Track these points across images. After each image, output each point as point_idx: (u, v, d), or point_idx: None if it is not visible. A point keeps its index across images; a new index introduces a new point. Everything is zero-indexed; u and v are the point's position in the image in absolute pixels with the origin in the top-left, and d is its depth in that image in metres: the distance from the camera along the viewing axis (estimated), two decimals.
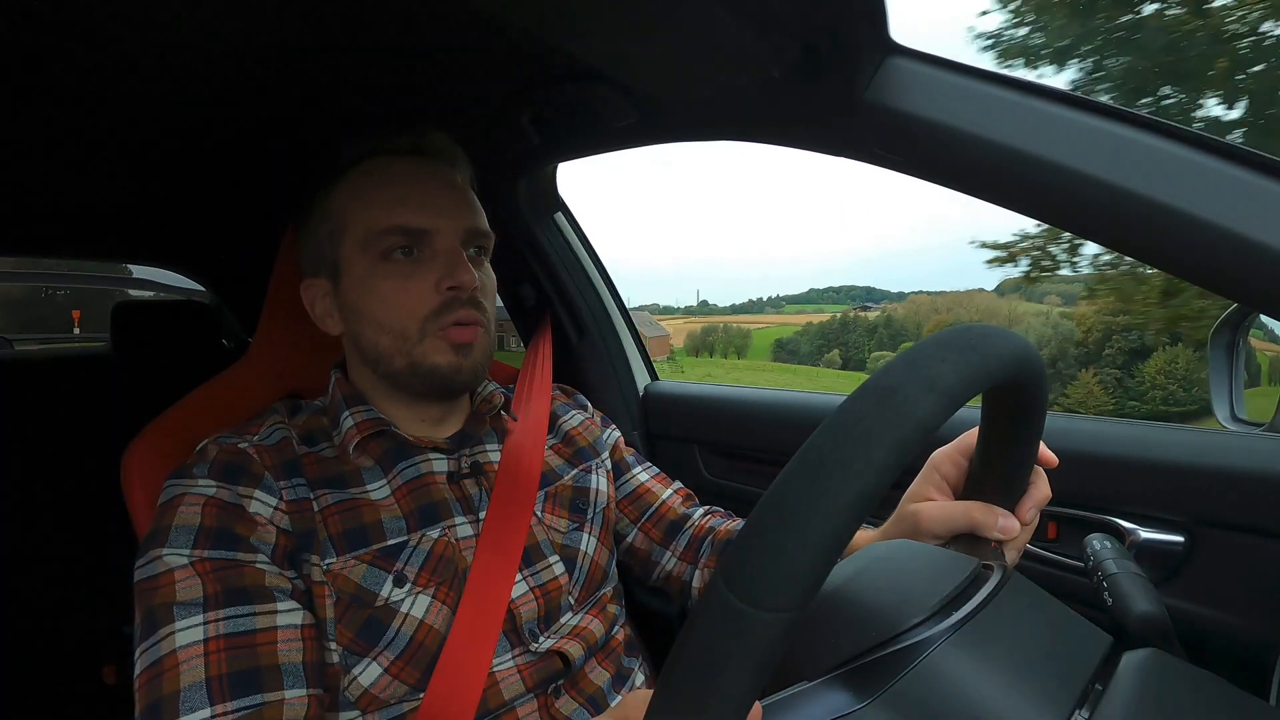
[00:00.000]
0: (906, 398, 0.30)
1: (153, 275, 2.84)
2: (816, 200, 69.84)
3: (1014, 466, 0.50)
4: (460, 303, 0.65)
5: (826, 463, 0.28)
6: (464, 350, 0.66)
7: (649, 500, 0.86)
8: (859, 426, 0.29)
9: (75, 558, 1.47)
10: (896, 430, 0.29)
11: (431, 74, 0.80)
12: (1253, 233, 0.45)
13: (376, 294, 0.65)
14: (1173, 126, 0.49)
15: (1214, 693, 0.37)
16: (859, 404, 0.30)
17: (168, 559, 0.54)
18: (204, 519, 0.56)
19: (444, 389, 0.68)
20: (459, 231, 0.67)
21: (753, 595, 0.27)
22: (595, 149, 0.95)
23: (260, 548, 0.56)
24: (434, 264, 0.65)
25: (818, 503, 0.27)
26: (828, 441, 0.29)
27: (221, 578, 0.54)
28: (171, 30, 0.67)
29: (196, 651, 0.51)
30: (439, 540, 0.64)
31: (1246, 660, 0.57)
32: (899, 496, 0.59)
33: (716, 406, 1.15)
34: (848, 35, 0.55)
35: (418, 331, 0.65)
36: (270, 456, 0.62)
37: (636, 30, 0.61)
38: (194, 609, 0.52)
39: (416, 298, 0.64)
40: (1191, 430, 0.74)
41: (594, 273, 1.20)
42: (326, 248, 0.68)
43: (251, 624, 0.53)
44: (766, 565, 0.27)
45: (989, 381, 0.35)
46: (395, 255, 0.65)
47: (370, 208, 0.65)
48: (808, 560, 0.27)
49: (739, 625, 0.26)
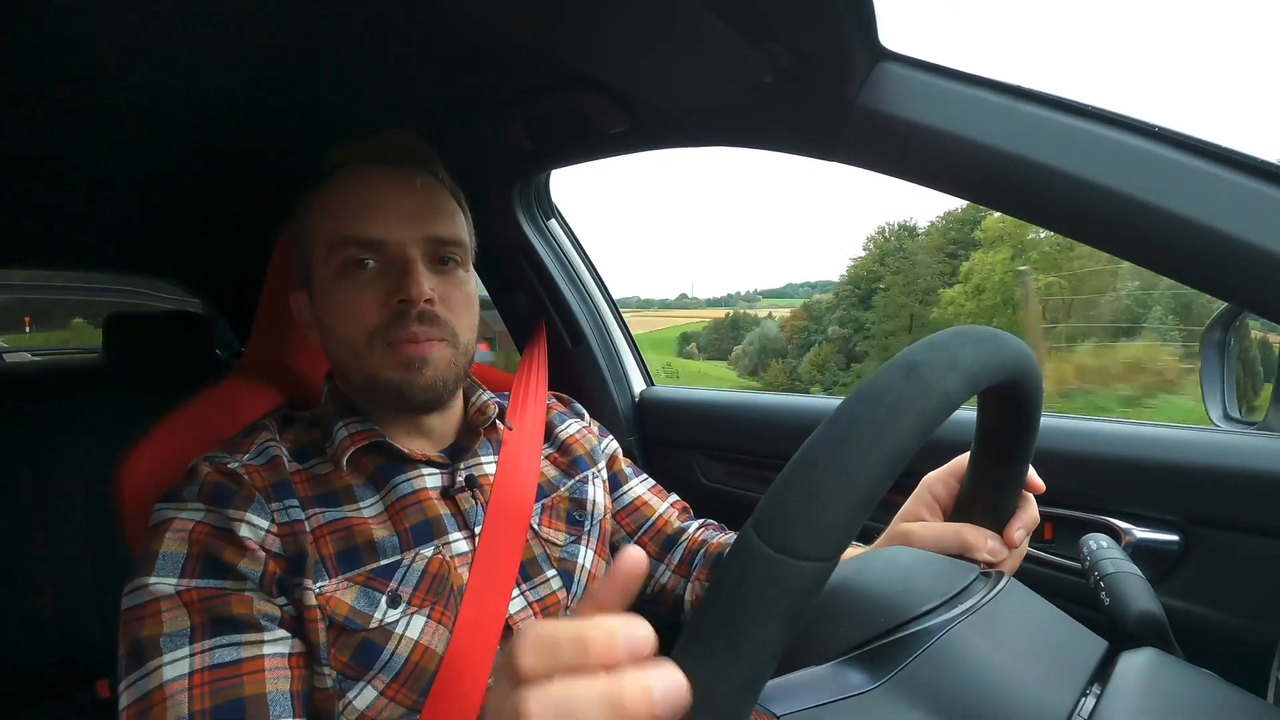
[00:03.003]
0: (931, 372, 0.31)
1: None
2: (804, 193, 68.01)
3: (1004, 487, 0.52)
4: (411, 317, 0.62)
5: (859, 423, 0.29)
6: (416, 364, 0.63)
7: (646, 514, 0.85)
8: (889, 394, 0.30)
9: (66, 572, 1.45)
10: (923, 401, 0.30)
11: (425, 83, 0.80)
12: (1243, 234, 0.45)
13: (333, 306, 0.63)
14: (1163, 130, 0.49)
15: (1212, 691, 0.37)
16: (887, 376, 0.31)
17: (154, 588, 0.53)
18: (191, 547, 0.55)
19: (402, 404, 0.65)
20: (417, 240, 0.64)
21: (785, 543, 0.27)
22: (588, 155, 0.95)
23: (249, 575, 0.55)
24: (388, 275, 0.63)
25: (851, 456, 0.28)
26: (859, 406, 0.30)
27: (208, 608, 0.53)
28: (165, 42, 0.67)
29: (181, 686, 0.50)
30: (433, 559, 0.62)
31: (1244, 658, 0.57)
32: (896, 503, 0.60)
33: (712, 411, 1.15)
34: (838, 41, 0.56)
35: (365, 345, 0.63)
36: (262, 476, 0.61)
37: (629, 38, 0.61)
38: (180, 641, 0.51)
39: (365, 311, 0.62)
40: (1186, 430, 0.74)
41: (588, 278, 1.20)
42: (302, 260, 0.67)
43: (238, 654, 0.52)
44: (799, 514, 0.28)
45: (1002, 373, 0.36)
46: (352, 267, 0.63)
47: (331, 218, 0.64)
48: (840, 511, 0.27)
49: (771, 572, 0.27)
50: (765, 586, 0.27)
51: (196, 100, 0.81)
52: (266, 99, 0.82)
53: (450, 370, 0.65)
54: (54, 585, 1.42)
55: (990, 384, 0.35)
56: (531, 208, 1.13)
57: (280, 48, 0.71)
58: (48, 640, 1.42)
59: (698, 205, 63.86)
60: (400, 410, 0.67)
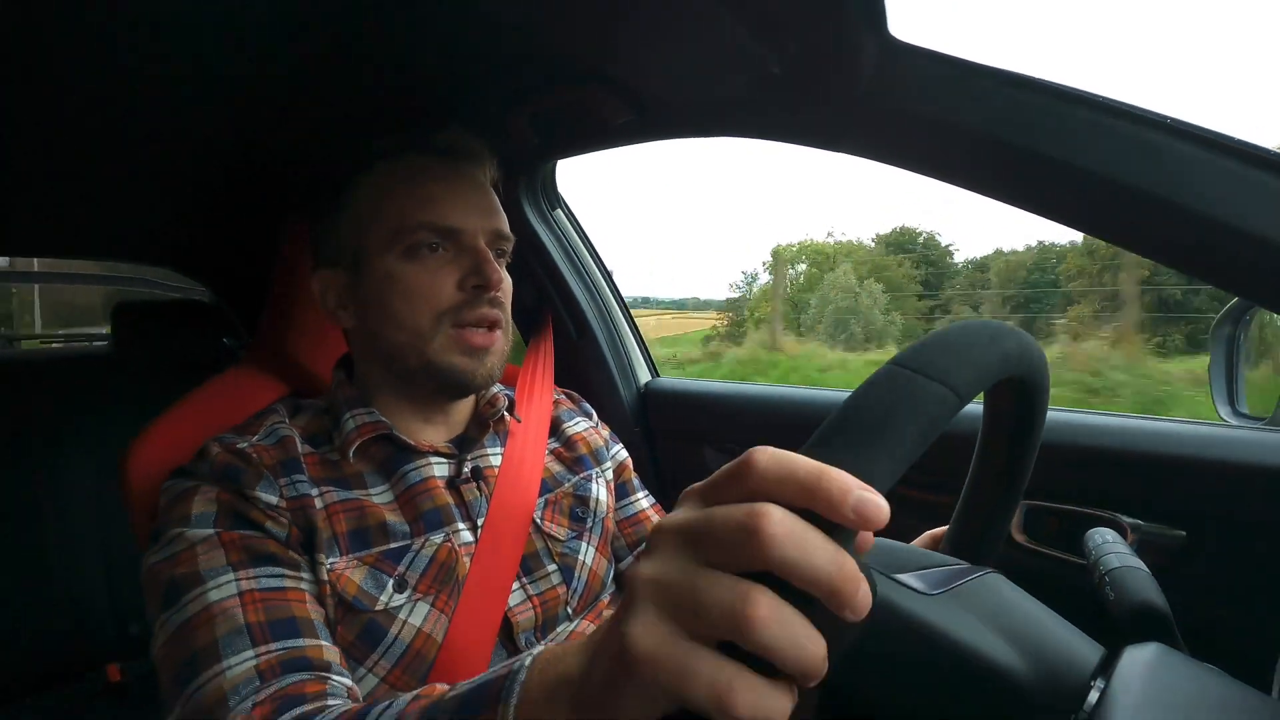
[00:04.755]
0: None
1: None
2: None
3: (989, 535, 0.53)
4: (484, 301, 0.65)
5: (960, 338, 0.35)
6: (479, 355, 0.66)
7: (648, 528, 0.85)
8: (989, 328, 0.37)
9: (78, 558, 1.47)
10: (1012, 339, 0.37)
11: (431, 73, 0.80)
12: (1255, 227, 0.45)
13: (398, 288, 0.65)
14: (1175, 123, 0.49)
15: (1216, 686, 0.37)
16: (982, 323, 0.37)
17: (190, 535, 0.55)
18: (220, 506, 0.57)
19: (456, 390, 0.68)
20: (486, 232, 0.67)
21: (925, 367, 0.31)
22: (594, 146, 0.95)
23: (275, 533, 0.58)
24: (459, 262, 0.66)
25: (977, 337, 0.35)
26: (969, 323, 0.36)
27: (246, 546, 0.55)
28: (171, 30, 0.67)
29: (233, 604, 0.51)
30: (442, 546, 0.63)
31: (1249, 654, 0.57)
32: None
33: (717, 402, 1.15)
34: (847, 31, 0.55)
35: (431, 327, 0.64)
36: (270, 455, 0.62)
37: (636, 29, 0.61)
38: (222, 571, 0.53)
39: (438, 293, 0.65)
40: (1192, 424, 0.74)
41: (594, 269, 1.20)
42: (348, 239, 0.68)
43: (281, 583, 0.55)
44: (939, 350, 0.32)
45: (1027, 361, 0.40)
46: (423, 251, 0.65)
47: (401, 203, 0.65)
48: (972, 363, 0.33)
49: (909, 386, 0.30)
50: (902, 399, 0.29)
51: (204, 89, 0.81)
52: (273, 89, 0.82)
53: (501, 360, 0.69)
54: (64, 570, 1.44)
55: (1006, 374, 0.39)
56: (537, 198, 1.12)
57: (286, 39, 0.71)
58: (58, 624, 1.44)
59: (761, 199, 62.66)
60: (448, 396, 0.70)
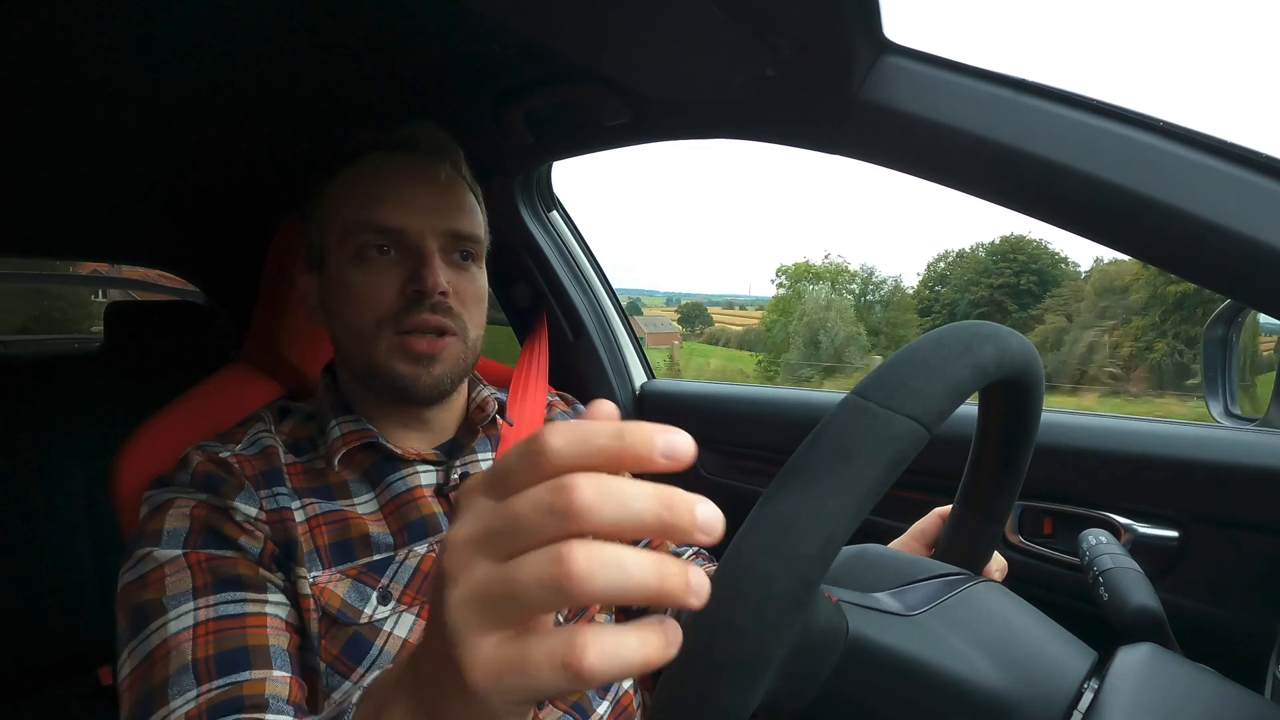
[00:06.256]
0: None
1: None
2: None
3: (983, 536, 0.54)
4: (424, 307, 0.62)
5: (947, 335, 0.34)
6: (424, 362, 0.62)
7: None
8: (965, 333, 0.35)
9: (69, 560, 1.46)
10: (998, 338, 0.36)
11: (425, 73, 0.80)
12: (1247, 230, 0.45)
13: (344, 291, 0.63)
14: (1169, 125, 0.49)
15: (1209, 687, 0.37)
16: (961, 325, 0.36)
17: (159, 555, 0.53)
18: (193, 522, 0.55)
19: (404, 398, 0.65)
20: (435, 232, 0.63)
21: (886, 399, 0.29)
22: (590, 148, 0.95)
23: (249, 549, 0.56)
24: (404, 265, 0.63)
25: (950, 350, 0.33)
26: (947, 329, 0.35)
27: (213, 568, 0.53)
28: (166, 32, 0.67)
29: (185, 637, 0.50)
30: (426, 556, 0.62)
31: (1242, 654, 0.57)
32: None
33: (713, 404, 1.15)
34: (841, 34, 0.55)
35: (373, 332, 0.62)
36: (252, 465, 0.61)
37: (631, 30, 0.60)
38: (184, 598, 0.51)
39: (377, 298, 0.62)
40: (1186, 425, 0.74)
41: (589, 271, 1.20)
42: (315, 241, 0.67)
43: (241, 609, 0.53)
44: (903, 378, 0.30)
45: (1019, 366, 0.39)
46: (369, 253, 0.62)
47: (350, 203, 0.63)
48: (941, 383, 0.31)
49: (869, 423, 0.29)
50: (864, 435, 0.28)
51: (196, 87, 0.81)
52: (266, 87, 0.82)
53: (458, 366, 0.65)
54: (55, 573, 1.43)
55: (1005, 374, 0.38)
56: (533, 199, 1.12)
57: (280, 38, 0.70)
58: (49, 627, 1.43)
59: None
60: (400, 402, 0.67)
